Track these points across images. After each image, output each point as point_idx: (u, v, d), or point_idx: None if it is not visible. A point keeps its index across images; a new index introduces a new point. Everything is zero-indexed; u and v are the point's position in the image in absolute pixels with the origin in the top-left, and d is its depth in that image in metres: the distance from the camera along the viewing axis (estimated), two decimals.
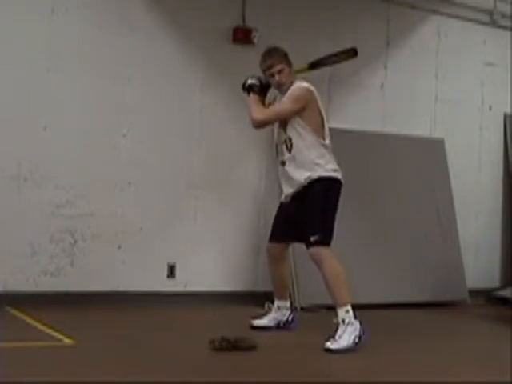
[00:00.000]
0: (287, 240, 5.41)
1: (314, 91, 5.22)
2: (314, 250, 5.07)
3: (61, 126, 5.95)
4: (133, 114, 6.24)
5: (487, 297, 7.79)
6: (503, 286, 8.05)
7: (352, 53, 5.45)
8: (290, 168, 5.20)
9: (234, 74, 6.33)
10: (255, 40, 6.64)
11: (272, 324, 5.48)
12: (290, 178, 5.22)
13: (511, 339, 5.63)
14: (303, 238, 5.13)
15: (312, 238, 5.05)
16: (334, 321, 4.95)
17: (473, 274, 7.74)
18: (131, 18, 6.22)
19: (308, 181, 5.14)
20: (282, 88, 5.24)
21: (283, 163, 5.24)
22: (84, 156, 6.04)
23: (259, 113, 5.23)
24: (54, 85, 5.92)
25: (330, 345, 4.82)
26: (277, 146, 5.32)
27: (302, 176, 5.15)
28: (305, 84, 5.21)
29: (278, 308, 5.51)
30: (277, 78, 5.22)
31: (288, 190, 5.25)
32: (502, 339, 5.73)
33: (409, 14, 7.60)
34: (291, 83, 5.22)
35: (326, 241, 5.08)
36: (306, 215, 5.14)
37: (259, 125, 5.29)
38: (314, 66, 5.41)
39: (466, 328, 6.46)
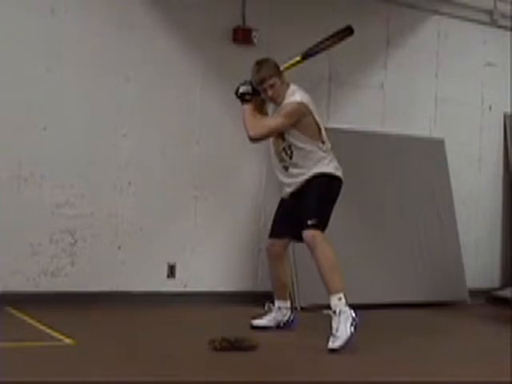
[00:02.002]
0: (287, 236, 5.38)
1: (308, 101, 5.18)
2: (310, 233, 5.06)
3: (61, 126, 5.95)
4: (133, 114, 6.24)
5: (487, 297, 7.79)
6: (503, 286, 8.05)
7: (348, 32, 5.32)
8: (293, 171, 5.24)
9: (234, 74, 6.31)
10: (255, 40, 6.64)
11: (272, 324, 5.47)
12: (292, 177, 5.25)
13: (511, 339, 5.63)
14: (301, 227, 5.12)
15: (309, 222, 5.06)
16: (324, 312, 4.93)
17: (473, 274, 7.74)
18: (131, 18, 6.22)
19: (309, 176, 5.17)
20: (276, 101, 5.20)
21: (286, 168, 5.27)
22: (84, 156, 6.04)
23: (254, 129, 5.14)
24: (54, 85, 5.92)
25: (332, 344, 4.81)
26: (278, 153, 5.29)
27: (304, 175, 5.19)
28: (297, 97, 5.14)
29: (279, 308, 5.51)
30: (269, 93, 5.16)
31: (290, 186, 5.27)
32: (501, 339, 5.73)
33: (409, 14, 7.59)
34: (285, 92, 5.17)
35: (321, 225, 5.09)
36: (304, 203, 5.15)
37: (254, 141, 5.24)
38: (308, 55, 5.30)
39: (466, 328, 6.46)
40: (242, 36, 6.62)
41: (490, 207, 8.17)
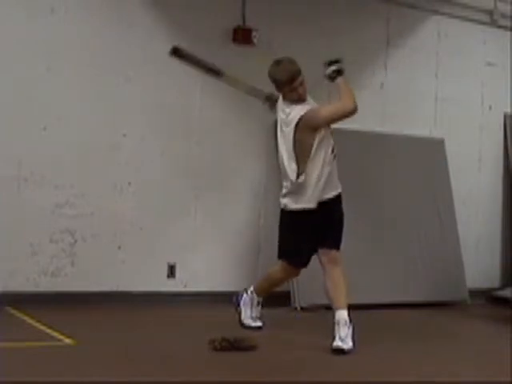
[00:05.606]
0: (311, 256, 5.27)
1: None
2: (337, 253, 5.13)
3: (61, 126, 5.95)
4: (133, 114, 6.24)
5: (487, 297, 7.79)
6: (503, 286, 8.05)
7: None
8: (334, 169, 5.17)
9: (233, 74, 6.32)
10: (255, 40, 6.63)
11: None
12: (330, 181, 5.13)
13: (511, 339, 5.63)
14: (327, 241, 5.14)
15: (338, 242, 5.14)
16: (335, 321, 4.93)
17: (473, 274, 7.73)
18: (131, 18, 6.22)
19: (337, 192, 5.18)
20: (303, 98, 5.04)
21: (335, 157, 5.14)
22: (84, 156, 6.04)
23: (353, 99, 5.05)
24: (54, 85, 5.92)
25: (341, 344, 4.81)
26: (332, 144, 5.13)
27: (338, 183, 5.18)
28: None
29: (258, 303, 5.54)
30: (300, 90, 4.98)
31: (325, 194, 5.11)
32: (502, 339, 5.73)
33: (409, 14, 7.59)
34: None
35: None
36: (336, 222, 5.18)
37: (354, 112, 5.12)
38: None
39: (466, 328, 6.47)
40: (242, 36, 6.61)
41: (489, 207, 8.17)
